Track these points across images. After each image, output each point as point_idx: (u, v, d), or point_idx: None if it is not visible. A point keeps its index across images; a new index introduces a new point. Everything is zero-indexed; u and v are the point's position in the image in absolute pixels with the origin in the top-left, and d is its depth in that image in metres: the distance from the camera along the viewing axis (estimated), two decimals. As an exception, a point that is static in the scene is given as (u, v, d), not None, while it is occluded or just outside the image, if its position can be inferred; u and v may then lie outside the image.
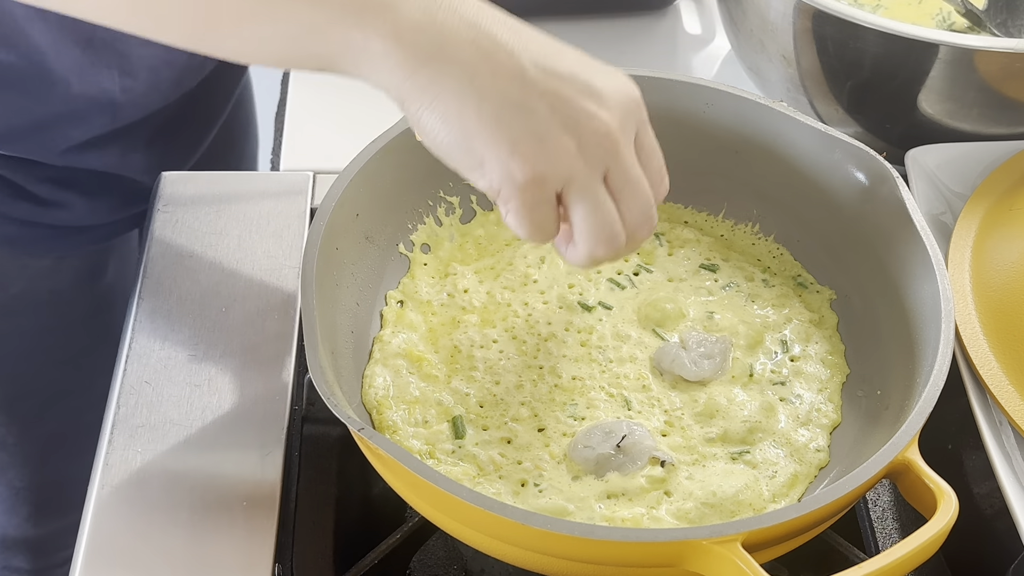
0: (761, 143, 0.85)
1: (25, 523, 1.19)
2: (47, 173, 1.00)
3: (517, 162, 0.63)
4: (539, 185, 0.64)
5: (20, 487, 1.16)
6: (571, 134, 0.64)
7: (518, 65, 0.63)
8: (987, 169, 0.92)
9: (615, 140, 0.65)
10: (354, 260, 0.79)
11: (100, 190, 1.04)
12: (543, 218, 0.65)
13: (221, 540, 0.73)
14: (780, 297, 0.84)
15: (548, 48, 0.65)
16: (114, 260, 1.12)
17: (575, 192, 0.65)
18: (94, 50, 0.93)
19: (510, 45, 0.63)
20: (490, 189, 0.64)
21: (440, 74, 0.62)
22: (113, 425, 0.78)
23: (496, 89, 0.62)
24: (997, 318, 0.80)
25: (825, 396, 0.78)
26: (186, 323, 0.85)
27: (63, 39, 0.91)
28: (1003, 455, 0.74)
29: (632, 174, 0.66)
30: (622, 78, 0.68)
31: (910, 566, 0.61)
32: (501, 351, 0.79)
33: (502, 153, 0.63)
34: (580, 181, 0.64)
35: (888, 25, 0.91)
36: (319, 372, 0.67)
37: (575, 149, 0.64)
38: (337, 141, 1.03)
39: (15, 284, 1.04)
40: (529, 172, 0.63)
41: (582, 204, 0.65)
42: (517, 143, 0.63)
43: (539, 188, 0.64)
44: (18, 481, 1.16)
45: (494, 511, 0.61)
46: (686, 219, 0.89)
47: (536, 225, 0.65)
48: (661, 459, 0.72)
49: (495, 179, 0.64)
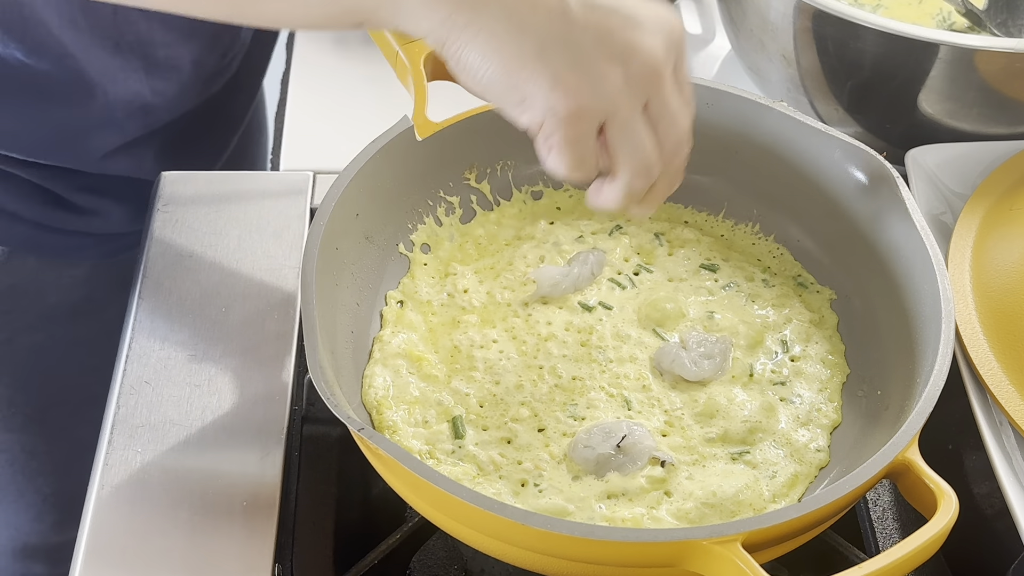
0: (761, 143, 0.85)
1: (50, 530, 1.19)
2: (83, 181, 1.01)
3: (559, 94, 0.62)
4: (583, 118, 0.62)
5: (48, 494, 1.16)
6: (618, 65, 0.62)
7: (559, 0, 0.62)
8: (987, 169, 0.92)
9: (660, 72, 0.64)
10: (354, 260, 0.79)
11: (134, 196, 1.05)
12: (584, 153, 0.64)
13: (221, 540, 0.73)
14: (780, 297, 0.84)
15: None
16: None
17: (618, 126, 0.63)
18: (123, 53, 0.94)
19: None
20: (532, 124, 0.63)
21: (478, 12, 0.61)
22: (113, 425, 0.78)
23: (536, 23, 0.61)
24: (997, 318, 0.80)
25: (825, 396, 0.78)
26: (186, 323, 0.85)
27: (93, 43, 0.91)
28: (1003, 455, 0.74)
29: (672, 106, 0.65)
30: (664, 9, 0.66)
31: (910, 566, 0.61)
32: (501, 351, 0.79)
33: (544, 86, 0.62)
34: (623, 115, 0.63)
35: (888, 25, 0.91)
36: (319, 372, 0.67)
37: (621, 81, 0.63)
38: (337, 141, 1.03)
39: (53, 293, 1.04)
40: (573, 105, 0.62)
41: (624, 138, 0.64)
42: (560, 76, 0.61)
43: (583, 121, 0.62)
44: (47, 488, 1.16)
45: (494, 511, 0.61)
46: (686, 219, 0.89)
47: (578, 160, 0.64)
48: (661, 459, 0.72)
49: (537, 113, 0.62)
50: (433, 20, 0.62)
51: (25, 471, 1.13)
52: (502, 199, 0.88)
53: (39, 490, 1.16)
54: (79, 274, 1.06)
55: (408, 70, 0.76)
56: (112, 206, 1.04)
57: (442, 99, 0.77)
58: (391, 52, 0.78)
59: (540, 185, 0.89)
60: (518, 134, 0.65)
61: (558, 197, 0.89)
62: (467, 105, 0.79)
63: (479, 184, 0.87)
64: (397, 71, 0.79)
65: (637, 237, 0.87)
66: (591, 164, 0.64)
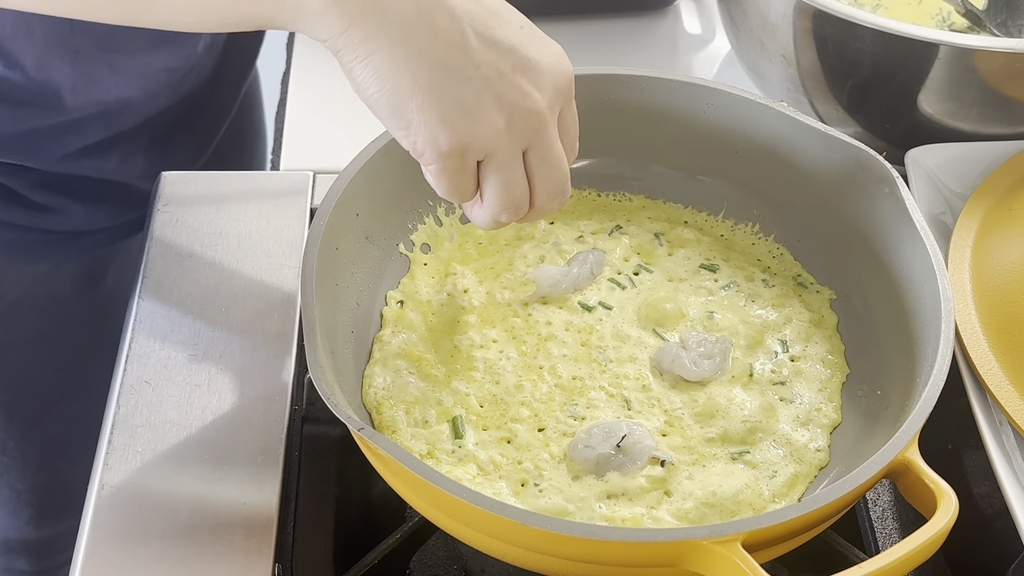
0: (761, 143, 0.85)
1: (27, 526, 1.19)
2: (43, 179, 1.00)
3: (445, 132, 0.63)
4: (462, 155, 0.65)
5: (22, 490, 1.16)
6: (502, 111, 0.64)
7: (459, 30, 0.63)
8: (987, 169, 0.92)
9: (543, 120, 0.66)
10: (354, 260, 0.79)
11: (98, 196, 1.04)
12: (461, 183, 0.67)
13: (221, 540, 0.73)
14: (780, 297, 0.84)
15: (492, 11, 0.65)
16: (114, 265, 1.11)
17: (493, 166, 0.66)
18: (83, 63, 0.92)
19: (452, 5, 0.63)
20: (413, 150, 0.65)
21: (377, 31, 0.62)
22: (113, 425, 0.78)
23: (433, 54, 0.62)
24: (997, 318, 0.80)
25: (825, 396, 0.78)
26: (186, 323, 0.85)
27: (50, 53, 0.90)
28: (1003, 455, 0.74)
29: (552, 153, 0.67)
30: (557, 51, 0.68)
31: (910, 566, 0.61)
32: (501, 351, 0.79)
33: (431, 120, 0.63)
34: (500, 156, 0.66)
35: (888, 25, 0.91)
36: (319, 372, 0.67)
37: (503, 126, 0.65)
38: (337, 141, 1.03)
39: (12, 291, 1.03)
40: (455, 142, 0.64)
41: (497, 178, 0.66)
42: (448, 113, 0.63)
43: (461, 158, 0.65)
44: (20, 484, 1.16)
45: (494, 511, 0.61)
46: (686, 219, 0.89)
47: (454, 188, 0.67)
48: (661, 459, 0.72)
49: (419, 142, 0.64)
50: (331, 30, 0.62)
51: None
52: (502, 199, 0.88)
53: (12, 486, 1.16)
54: (40, 272, 1.05)
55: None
56: (72, 204, 1.03)
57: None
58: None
59: (540, 185, 0.89)
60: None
61: (558, 197, 0.89)
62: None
63: (479, 184, 0.87)
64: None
65: (637, 237, 0.87)
66: (468, 191, 0.68)
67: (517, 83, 0.65)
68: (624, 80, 0.85)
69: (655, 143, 0.88)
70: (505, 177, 0.67)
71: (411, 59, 0.62)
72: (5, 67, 0.89)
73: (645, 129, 0.87)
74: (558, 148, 0.68)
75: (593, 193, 0.90)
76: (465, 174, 0.66)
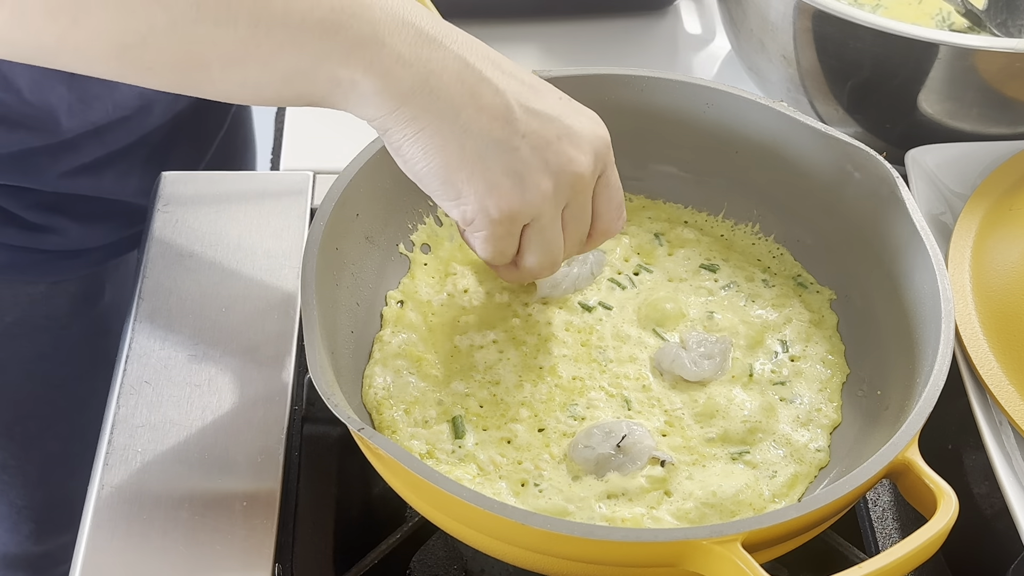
0: (761, 143, 0.85)
1: (26, 540, 1.19)
2: (39, 199, 1.00)
3: (494, 199, 0.66)
4: (511, 221, 0.67)
5: (22, 506, 1.16)
6: (549, 176, 0.67)
7: (504, 103, 0.65)
8: (987, 169, 0.92)
9: (585, 182, 0.69)
10: (354, 260, 0.79)
11: (94, 214, 1.03)
12: (507, 247, 0.70)
13: (221, 540, 0.73)
14: (780, 297, 0.84)
15: (530, 86, 0.68)
16: (111, 283, 1.11)
17: (537, 229, 0.69)
18: (79, 84, 0.92)
19: (495, 81, 0.65)
20: (463, 219, 0.68)
21: (426, 109, 0.64)
22: (113, 425, 0.78)
23: (480, 126, 0.64)
24: (997, 318, 0.80)
25: (825, 396, 0.78)
26: (186, 323, 0.85)
27: (45, 77, 0.90)
28: (1003, 455, 0.74)
29: (585, 212, 0.71)
30: (595, 119, 0.71)
31: (910, 566, 0.61)
32: (501, 351, 0.79)
33: (480, 189, 0.66)
34: (544, 220, 0.68)
35: (888, 25, 0.91)
36: (319, 372, 0.67)
37: (551, 191, 0.67)
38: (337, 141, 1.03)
39: (10, 312, 1.03)
40: (505, 209, 0.67)
41: (539, 239, 0.70)
42: (497, 181, 0.66)
43: (511, 224, 0.68)
44: (19, 500, 1.16)
45: (494, 511, 0.61)
46: (686, 219, 0.89)
47: (499, 252, 0.70)
48: (661, 459, 0.72)
49: (469, 211, 0.67)
50: (381, 110, 0.64)
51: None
52: (502, 199, 0.88)
53: (12, 503, 1.16)
54: (38, 292, 1.05)
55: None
56: (70, 224, 1.03)
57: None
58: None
59: (540, 185, 0.89)
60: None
61: (558, 197, 0.89)
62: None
63: (479, 184, 0.87)
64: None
65: (637, 237, 0.87)
66: (510, 254, 0.71)
67: (562, 149, 0.67)
68: (624, 80, 0.85)
69: (655, 143, 0.88)
70: (547, 238, 0.70)
71: (459, 133, 0.64)
72: (1, 90, 0.89)
73: (645, 129, 0.87)
74: (589, 207, 0.71)
75: (593, 193, 0.90)
76: (511, 239, 0.69)
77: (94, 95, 0.94)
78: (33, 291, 1.04)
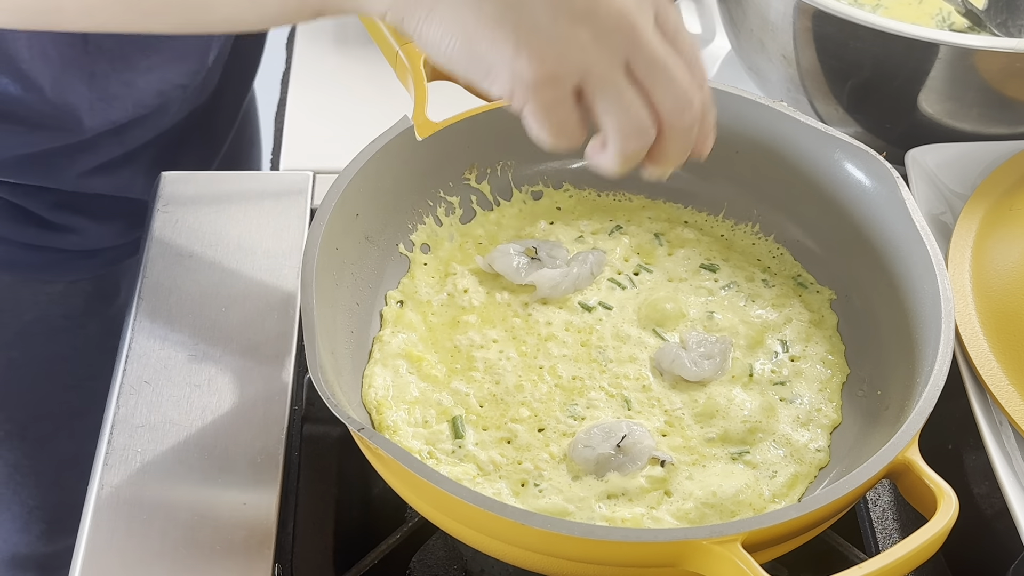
0: (761, 143, 0.85)
1: (37, 541, 1.19)
2: (58, 199, 1.00)
3: (524, 61, 0.58)
4: (552, 83, 0.59)
5: (33, 506, 1.16)
6: (583, 23, 0.59)
7: None
8: (987, 169, 0.92)
9: (632, 22, 0.59)
10: (354, 260, 0.79)
11: (111, 213, 1.04)
12: (563, 119, 0.60)
13: (221, 540, 0.73)
14: (780, 297, 0.84)
15: None
16: (126, 281, 1.11)
17: (595, 87, 0.59)
18: (99, 83, 0.93)
19: None
20: (503, 94, 0.60)
21: None
22: (113, 425, 0.78)
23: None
24: (997, 318, 0.80)
25: (825, 396, 0.78)
26: (186, 323, 0.85)
27: (67, 75, 0.91)
28: (1003, 455, 0.74)
29: (657, 56, 0.60)
30: None
31: (910, 566, 0.60)
32: (501, 351, 0.79)
33: (507, 53, 0.58)
34: (598, 74, 0.59)
35: (888, 25, 0.91)
36: (319, 372, 0.67)
37: (589, 39, 0.59)
38: (337, 141, 1.03)
39: (29, 311, 1.03)
40: (538, 69, 0.58)
41: (605, 98, 0.60)
42: (522, 41, 0.58)
43: (553, 86, 0.59)
44: (32, 500, 1.16)
45: (494, 511, 0.61)
46: (686, 219, 0.89)
47: (557, 127, 0.60)
48: (661, 459, 0.72)
49: (504, 82, 0.59)
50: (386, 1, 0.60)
51: (9, 484, 1.13)
52: (502, 199, 0.88)
53: (24, 503, 1.16)
54: (55, 291, 1.05)
55: (408, 70, 0.76)
56: (88, 223, 1.03)
57: (442, 99, 0.77)
58: (391, 52, 0.78)
59: (540, 185, 0.89)
60: (518, 134, 0.65)
61: (558, 197, 0.89)
62: (467, 105, 0.79)
63: (479, 184, 0.87)
64: (397, 71, 0.79)
65: (637, 237, 0.87)
66: (574, 130, 0.61)
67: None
68: (624, 80, 0.85)
69: (655, 143, 0.88)
70: (613, 94, 0.59)
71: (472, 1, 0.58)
72: (23, 90, 0.89)
73: (645, 129, 0.87)
74: (662, 51, 0.60)
75: (593, 193, 0.90)
76: (564, 107, 0.59)
77: (114, 94, 0.94)
78: (51, 290, 1.04)
